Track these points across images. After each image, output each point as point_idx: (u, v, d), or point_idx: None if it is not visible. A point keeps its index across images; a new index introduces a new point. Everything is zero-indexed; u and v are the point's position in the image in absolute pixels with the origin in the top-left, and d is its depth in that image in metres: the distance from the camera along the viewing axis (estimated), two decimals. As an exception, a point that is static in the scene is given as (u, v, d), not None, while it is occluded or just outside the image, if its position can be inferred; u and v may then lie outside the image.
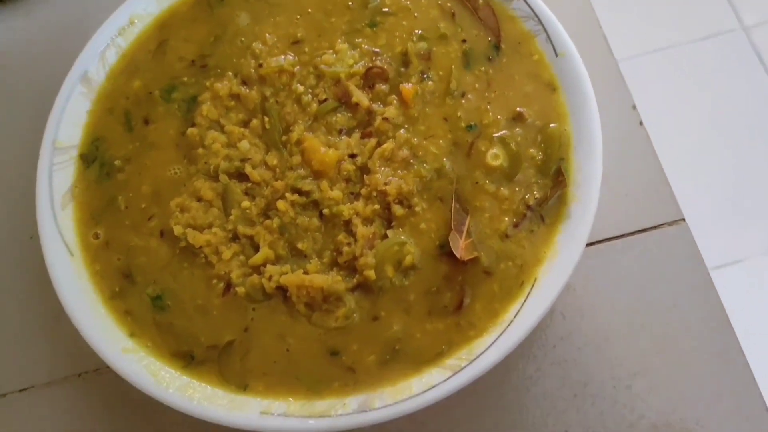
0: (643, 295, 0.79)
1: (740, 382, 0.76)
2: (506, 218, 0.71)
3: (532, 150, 0.73)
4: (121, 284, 0.72)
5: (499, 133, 0.74)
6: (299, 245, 0.71)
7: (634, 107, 0.87)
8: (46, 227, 0.72)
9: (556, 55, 0.75)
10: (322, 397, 0.66)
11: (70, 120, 0.77)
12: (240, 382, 0.67)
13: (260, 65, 0.78)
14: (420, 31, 0.79)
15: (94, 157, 0.77)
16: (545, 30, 0.76)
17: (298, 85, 0.77)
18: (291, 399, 0.66)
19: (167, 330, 0.70)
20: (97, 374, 0.78)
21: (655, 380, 0.76)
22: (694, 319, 0.78)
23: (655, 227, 0.81)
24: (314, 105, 0.76)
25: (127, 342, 0.69)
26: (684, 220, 0.82)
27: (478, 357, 0.65)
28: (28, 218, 0.83)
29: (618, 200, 0.82)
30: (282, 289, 0.70)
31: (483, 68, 0.77)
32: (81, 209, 0.75)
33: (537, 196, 0.71)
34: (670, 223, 0.81)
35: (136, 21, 0.82)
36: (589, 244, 0.80)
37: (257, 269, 0.70)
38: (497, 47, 0.78)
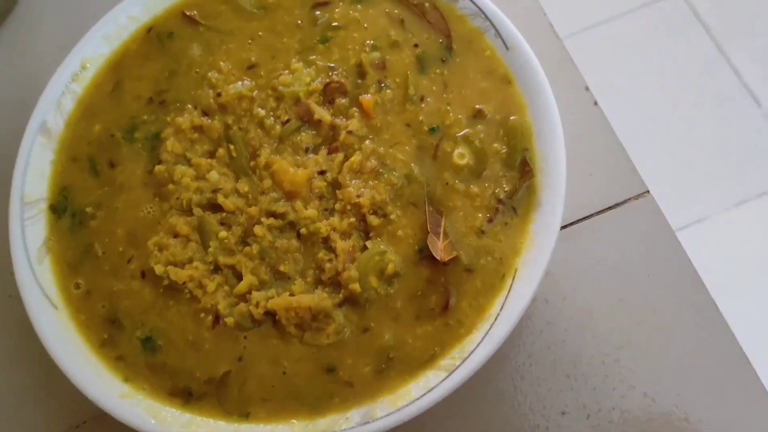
0: (618, 269, 0.82)
1: (719, 339, 0.79)
2: (480, 214, 0.72)
3: (495, 144, 0.75)
4: (109, 331, 0.72)
5: (461, 133, 0.75)
6: (281, 268, 0.72)
7: (587, 88, 0.90)
8: (25, 284, 0.72)
9: (507, 48, 0.77)
10: (324, 415, 0.67)
11: (34, 173, 0.77)
12: (241, 411, 0.68)
13: (219, 94, 0.78)
14: (372, 42, 0.80)
15: (64, 207, 0.77)
16: (493, 26, 0.78)
17: (259, 109, 0.77)
18: (294, 421, 0.67)
19: (161, 370, 0.70)
20: (95, 422, 0.78)
21: (639, 350, 0.79)
22: (668, 285, 0.81)
23: (622, 203, 0.84)
24: (277, 127, 0.76)
25: (123, 387, 0.69)
26: (648, 192, 0.84)
27: (470, 354, 0.66)
28: (3, 277, 0.83)
29: (583, 181, 0.85)
30: (271, 314, 0.70)
31: (438, 70, 0.78)
32: (58, 261, 0.75)
33: (506, 189, 0.73)
34: (636, 197, 0.84)
35: (88, 65, 0.82)
36: (561, 228, 0.82)
37: (243, 297, 0.71)
38: (449, 48, 0.79)
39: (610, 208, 0.84)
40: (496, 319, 0.68)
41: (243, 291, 0.71)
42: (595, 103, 0.89)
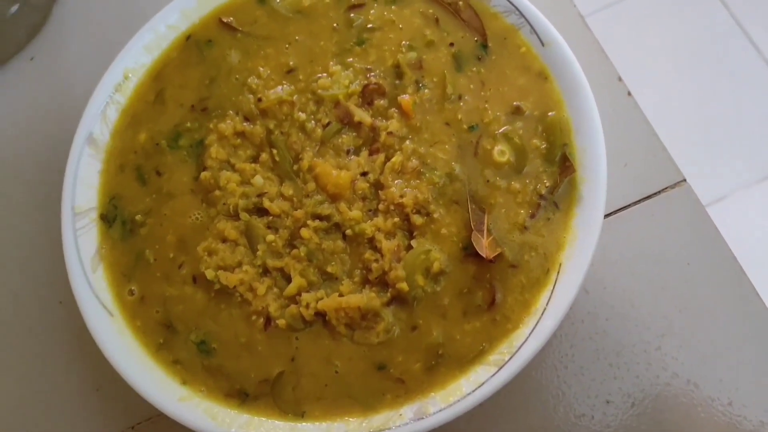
0: (658, 258, 0.82)
1: (761, 325, 0.79)
2: (522, 210, 0.73)
3: (535, 141, 0.76)
4: (164, 335, 0.74)
5: (501, 130, 0.76)
6: (329, 269, 0.73)
7: (620, 79, 0.90)
8: (81, 292, 0.74)
9: (543, 44, 0.78)
10: (377, 412, 0.69)
11: (83, 183, 0.79)
12: (297, 410, 0.70)
13: (259, 100, 0.80)
14: (407, 42, 0.81)
15: (114, 216, 0.79)
16: (528, 22, 0.79)
17: (300, 113, 0.79)
18: (348, 418, 0.69)
19: (217, 372, 0.72)
20: (150, 423, 0.81)
21: (681, 337, 0.79)
22: (708, 272, 0.82)
23: (659, 192, 0.84)
24: (318, 130, 0.78)
25: (182, 390, 0.71)
26: (685, 180, 0.85)
27: (519, 349, 0.68)
28: (54, 284, 0.85)
29: (620, 172, 0.85)
30: (321, 315, 0.72)
31: (474, 68, 0.79)
32: (111, 269, 0.77)
33: (547, 184, 0.74)
34: (673, 186, 0.84)
35: (130, 75, 0.83)
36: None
37: (293, 299, 0.73)
38: (485, 46, 0.80)
39: (647, 197, 0.84)
40: (542, 313, 0.69)
41: (293, 293, 0.73)
42: (629, 94, 0.89)
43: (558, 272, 0.71)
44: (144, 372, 0.72)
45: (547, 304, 0.69)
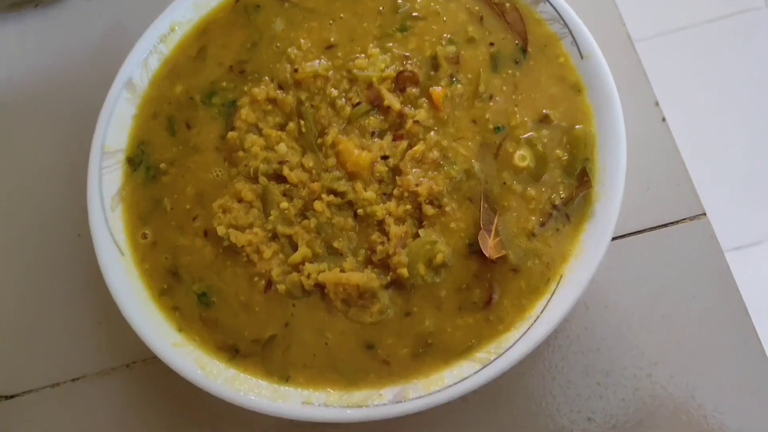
0: (664, 287, 0.82)
1: (757, 371, 0.79)
2: (533, 217, 0.74)
3: (558, 151, 0.76)
4: (169, 282, 0.76)
5: (526, 135, 0.77)
6: (335, 244, 0.75)
7: (657, 104, 0.90)
8: (98, 228, 0.77)
9: (581, 57, 0.78)
10: (359, 388, 0.70)
11: (116, 125, 0.82)
12: (282, 373, 0.72)
13: (296, 70, 0.81)
14: (449, 35, 0.82)
15: (140, 161, 0.81)
16: (570, 32, 0.79)
17: (332, 89, 0.80)
18: (330, 390, 0.71)
19: (213, 325, 0.74)
20: (145, 364, 0.83)
21: (674, 369, 0.79)
22: (712, 309, 0.81)
23: (677, 222, 0.84)
24: (348, 108, 0.79)
25: (177, 336, 0.74)
26: (705, 214, 0.84)
27: (506, 351, 0.69)
28: (75, 217, 0.88)
29: (641, 196, 0.85)
30: (320, 286, 0.74)
31: (510, 71, 0.80)
32: (129, 211, 0.79)
33: (563, 195, 0.74)
34: (692, 218, 0.84)
35: (176, 28, 0.86)
36: (612, 239, 0.83)
37: (296, 267, 0.74)
38: (524, 50, 0.80)
39: (664, 225, 0.84)
40: (535, 321, 0.70)
41: (297, 261, 0.74)
42: (663, 120, 0.88)
43: (558, 283, 0.71)
44: (144, 313, 0.74)
45: (541, 312, 0.70)
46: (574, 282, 0.70)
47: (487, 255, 0.72)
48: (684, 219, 0.84)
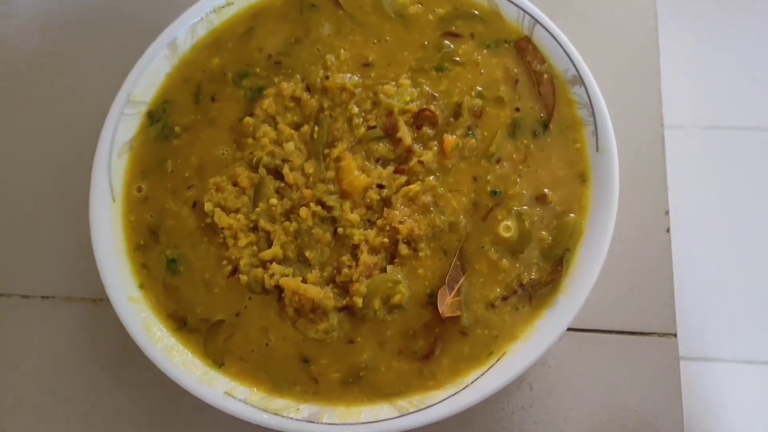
0: (612, 393, 0.82)
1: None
2: (498, 289, 0.75)
3: (543, 232, 0.76)
4: (146, 239, 0.80)
5: (519, 208, 0.77)
6: (307, 253, 0.77)
7: (667, 212, 0.89)
8: (99, 168, 0.81)
9: (597, 149, 0.78)
10: (281, 396, 0.73)
11: (148, 78, 0.85)
12: (218, 359, 0.75)
13: (327, 77, 0.83)
14: (480, 88, 0.82)
15: (159, 118, 0.84)
16: (595, 122, 0.78)
17: (355, 106, 0.82)
18: (255, 389, 0.73)
19: (172, 292, 0.77)
20: (109, 305, 0.87)
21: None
22: (649, 427, 0.81)
23: (646, 334, 0.83)
24: (362, 129, 0.81)
25: (136, 292, 0.77)
26: (675, 335, 0.84)
27: (426, 407, 0.70)
28: (90, 155, 0.91)
29: (620, 297, 0.85)
30: (279, 289, 0.76)
31: (526, 141, 0.80)
32: (134, 161, 0.83)
33: (533, 277, 0.75)
34: (661, 335, 0.83)
35: (233, 3, 0.88)
36: (577, 330, 0.84)
37: (264, 264, 0.77)
38: (546, 125, 0.80)
39: (631, 333, 0.84)
40: (464, 388, 0.71)
41: (266, 258, 0.77)
42: (668, 230, 0.88)
43: (499, 359, 0.72)
44: (113, 260, 0.78)
45: (473, 381, 0.71)
46: (514, 363, 0.71)
47: (440, 311, 0.73)
48: (653, 333, 0.83)
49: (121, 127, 0.83)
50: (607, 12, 1.01)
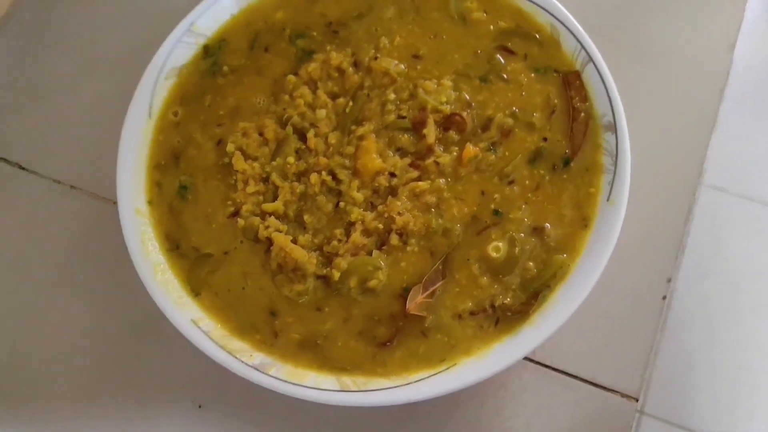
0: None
1: None
2: (470, 303, 0.76)
3: (530, 263, 0.77)
4: (167, 161, 0.85)
5: (515, 233, 0.78)
6: (306, 217, 0.80)
7: (669, 280, 0.88)
8: (144, 84, 0.86)
9: (608, 199, 0.78)
10: (241, 339, 0.77)
11: (214, 14, 0.89)
12: (197, 288, 0.79)
13: (376, 58, 0.85)
14: (516, 109, 0.83)
15: (213, 54, 0.89)
16: (615, 173, 0.78)
17: (392, 93, 0.84)
18: (219, 325, 0.77)
19: (175, 216, 0.82)
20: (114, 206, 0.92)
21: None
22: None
23: (607, 389, 0.84)
24: (392, 116, 0.83)
25: (144, 205, 0.82)
26: (637, 400, 0.84)
27: (367, 390, 0.73)
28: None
29: (593, 345, 0.85)
30: (269, 241, 0.79)
31: (543, 171, 0.81)
32: (178, 87, 0.87)
33: (506, 302, 0.76)
34: (622, 395, 0.83)
35: (314, -39, 0.91)
36: (544, 365, 0.85)
37: (263, 215, 0.80)
38: (567, 162, 0.81)
39: (595, 384, 0.84)
40: (407, 384, 0.73)
41: (267, 210, 0.80)
42: (664, 298, 0.87)
43: (448, 368, 0.74)
44: (133, 171, 0.83)
45: (416, 381, 0.73)
46: (461, 376, 0.73)
47: (406, 307, 0.75)
48: (615, 391, 0.84)
49: (176, 52, 0.87)
50: (677, 59, 0.99)
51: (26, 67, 1.04)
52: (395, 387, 0.73)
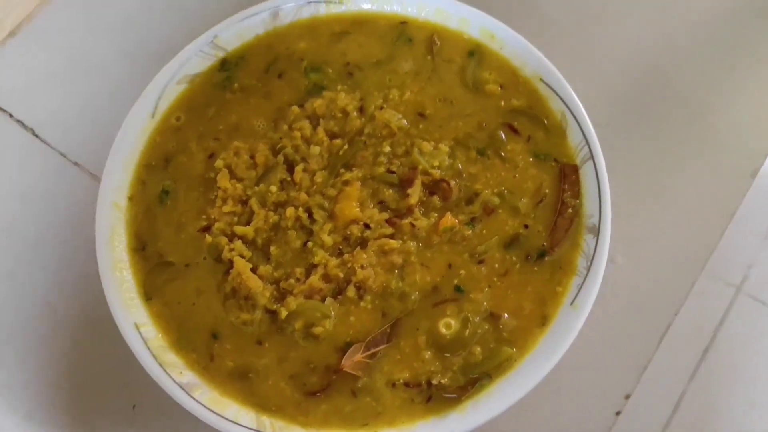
0: None
1: None
2: (407, 374, 0.75)
3: (478, 349, 0.75)
4: (158, 162, 0.85)
5: (470, 314, 0.76)
6: (272, 248, 0.80)
7: (628, 396, 0.85)
8: (156, 83, 0.87)
9: (571, 305, 0.75)
10: (176, 354, 0.77)
11: (239, 31, 0.90)
12: (150, 292, 0.79)
13: (381, 108, 0.85)
14: (505, 190, 0.82)
15: (229, 68, 0.90)
16: (585, 280, 0.76)
17: (388, 146, 0.83)
18: (160, 335, 0.77)
19: (150, 217, 0.83)
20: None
21: None
22: None
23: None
24: (382, 168, 0.82)
25: (123, 200, 0.83)
26: None
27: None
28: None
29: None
30: (231, 263, 0.79)
31: (515, 258, 0.79)
32: (187, 94, 0.88)
33: (443, 381, 0.74)
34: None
35: (344, 3, 0.92)
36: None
37: (232, 236, 0.80)
38: (542, 255, 0.79)
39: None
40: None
41: (237, 232, 0.80)
42: (617, 413, 0.84)
43: (366, 434, 0.73)
44: (121, 165, 0.84)
45: (331, 439, 0.72)
46: (376, 445, 0.72)
47: (341, 364, 0.74)
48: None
49: (193, 60, 0.89)
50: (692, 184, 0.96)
51: (67, 41, 1.08)
52: (286, 439, 0.72)
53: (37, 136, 1.01)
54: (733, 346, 0.89)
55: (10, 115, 1.02)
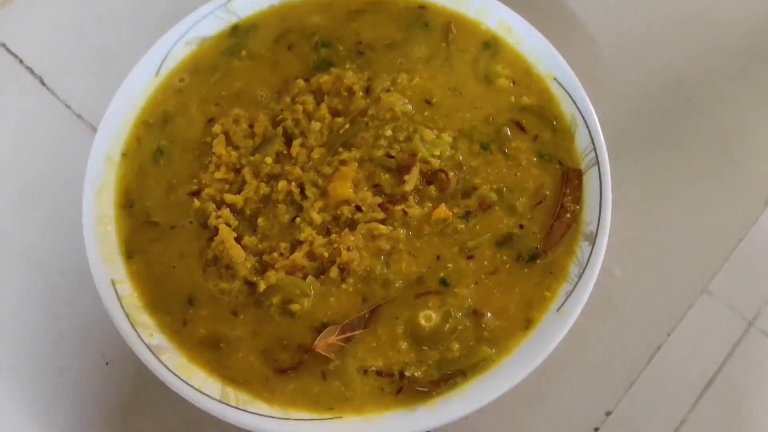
0: None
1: None
2: (380, 362, 0.73)
3: (456, 345, 0.73)
4: (156, 121, 0.84)
5: (452, 309, 0.74)
6: (260, 219, 0.78)
7: (608, 413, 0.82)
8: (164, 42, 0.86)
9: (557, 311, 0.73)
10: (150, 315, 0.75)
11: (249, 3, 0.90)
12: (131, 250, 0.78)
13: (388, 90, 0.83)
14: (504, 187, 0.79)
15: (240, 35, 0.88)
16: (574, 288, 0.73)
17: (390, 130, 0.81)
18: (136, 294, 0.76)
19: (142, 175, 0.82)
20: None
21: None
22: None
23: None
24: (381, 152, 0.80)
25: (117, 156, 0.82)
26: None
27: (244, 410, 0.70)
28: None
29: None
30: (216, 231, 0.78)
31: (505, 258, 0.76)
32: (193, 57, 0.87)
33: (416, 374, 0.72)
34: None
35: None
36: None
37: (221, 203, 0.79)
38: (534, 258, 0.76)
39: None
40: (285, 419, 0.70)
41: (227, 201, 0.78)
42: (596, 429, 0.81)
43: (332, 419, 0.70)
44: (119, 120, 0.83)
45: (296, 420, 0.70)
46: (341, 430, 0.69)
47: (314, 344, 0.72)
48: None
49: (205, 23, 0.88)
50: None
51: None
52: (272, 417, 0.70)
53: (44, 84, 1.00)
54: (738, 382, 0.85)
55: (21, 61, 1.02)
